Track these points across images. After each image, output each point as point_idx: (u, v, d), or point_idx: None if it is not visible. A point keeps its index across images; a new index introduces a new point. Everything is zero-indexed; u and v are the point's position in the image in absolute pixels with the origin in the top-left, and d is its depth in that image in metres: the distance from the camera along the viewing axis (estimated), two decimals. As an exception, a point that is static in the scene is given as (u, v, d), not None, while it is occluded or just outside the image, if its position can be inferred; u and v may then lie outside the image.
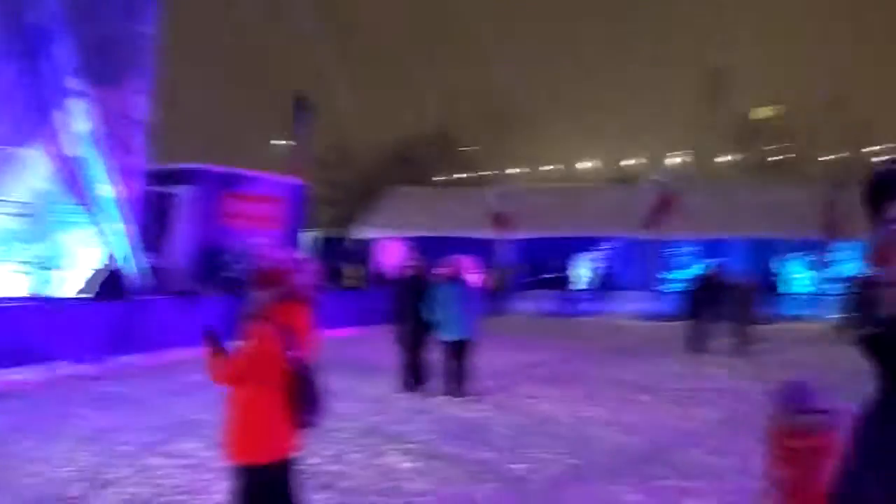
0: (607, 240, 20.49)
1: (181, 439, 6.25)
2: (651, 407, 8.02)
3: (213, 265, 13.85)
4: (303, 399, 3.46)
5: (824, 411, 3.36)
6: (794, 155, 39.64)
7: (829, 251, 18.25)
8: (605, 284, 19.77)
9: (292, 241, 16.17)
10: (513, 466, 5.74)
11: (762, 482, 3.53)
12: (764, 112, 45.03)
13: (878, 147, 34.83)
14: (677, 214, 17.90)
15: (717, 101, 39.70)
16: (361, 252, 21.54)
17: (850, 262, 17.85)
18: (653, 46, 42.66)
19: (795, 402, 3.40)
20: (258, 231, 15.25)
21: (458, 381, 8.23)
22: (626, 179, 35.36)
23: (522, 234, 19.53)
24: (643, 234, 18.67)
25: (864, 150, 34.81)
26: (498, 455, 6.03)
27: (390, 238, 21.06)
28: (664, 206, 18.15)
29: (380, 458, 5.89)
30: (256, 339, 3.43)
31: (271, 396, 3.41)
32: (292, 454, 3.54)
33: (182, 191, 14.49)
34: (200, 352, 3.50)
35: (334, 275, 17.39)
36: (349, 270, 19.47)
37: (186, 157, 16.06)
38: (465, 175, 36.16)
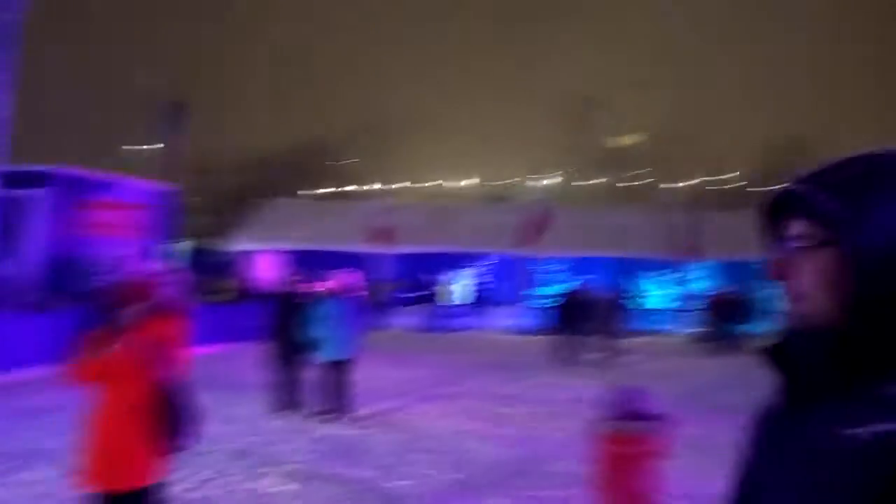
0: (482, 256, 20.96)
1: (29, 466, 5.67)
2: (527, 419, 8.22)
3: (66, 276, 12.77)
4: (170, 420, 3.23)
5: (651, 417, 3.59)
6: (652, 180, 42.58)
7: (685, 270, 19.64)
8: (480, 300, 20.19)
9: (159, 251, 15.26)
10: (394, 484, 5.66)
11: (590, 485, 3.68)
12: (625, 140, 48.06)
13: (728, 175, 38.31)
14: (548, 233, 18.64)
15: (584, 128, 41.94)
16: (234, 264, 20.69)
17: (703, 280, 19.32)
18: (528, 72, 44.49)
19: (624, 409, 3.61)
20: (120, 240, 14.25)
21: (336, 400, 8.02)
22: (500, 198, 36.43)
23: (401, 250, 19.57)
24: (516, 252, 19.28)
25: (715, 178, 38.06)
26: (379, 473, 5.93)
27: (265, 251, 20.40)
28: (537, 224, 18.84)
29: (254, 481, 5.62)
30: (120, 352, 3.17)
31: (133, 417, 3.16)
32: (157, 480, 3.29)
33: (33, 195, 13.29)
34: (67, 346, 3.18)
35: (204, 288, 16.57)
36: (220, 283, 18.63)
37: (39, 158, 14.77)
38: (341, 188, 35.86)
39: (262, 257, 20.17)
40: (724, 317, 15.79)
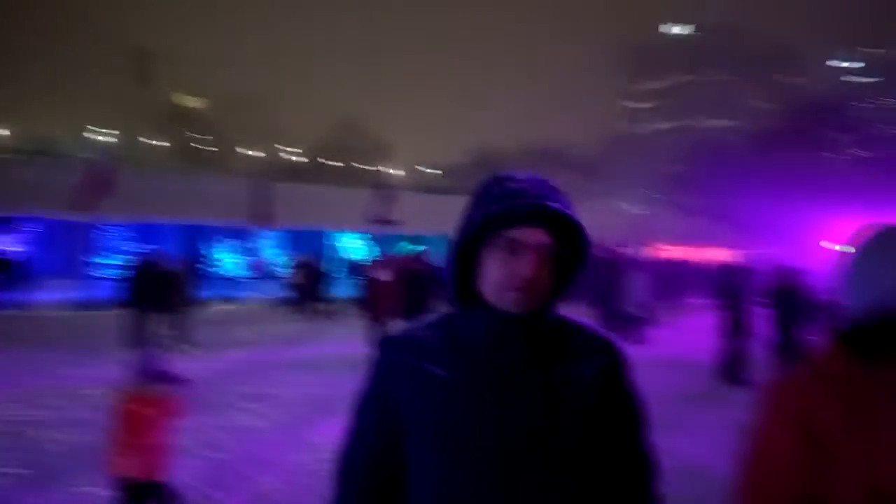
0: (23, 219, 18.01)
1: None
2: (101, 401, 7.51)
3: None
4: None
5: (169, 379, 3.98)
6: (217, 148, 42.11)
7: (257, 238, 20.10)
8: (23, 270, 17.32)
9: None
10: (-59, 494, 4.66)
11: (107, 441, 3.86)
12: (189, 101, 46.38)
13: (294, 148, 40.10)
14: (110, 195, 16.94)
15: (143, 84, 39.22)
16: None
17: (273, 248, 20.07)
18: (80, 19, 39.45)
19: (145, 372, 3.91)
20: None
21: None
22: (44, 152, 31.82)
23: None
24: (69, 215, 17.06)
25: (283, 148, 39.51)
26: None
27: None
28: (96, 185, 16.92)
29: None
30: None
31: None
32: None
33: None
34: None
35: None
36: None
37: None
38: None
39: None
40: (307, 282, 16.75)
